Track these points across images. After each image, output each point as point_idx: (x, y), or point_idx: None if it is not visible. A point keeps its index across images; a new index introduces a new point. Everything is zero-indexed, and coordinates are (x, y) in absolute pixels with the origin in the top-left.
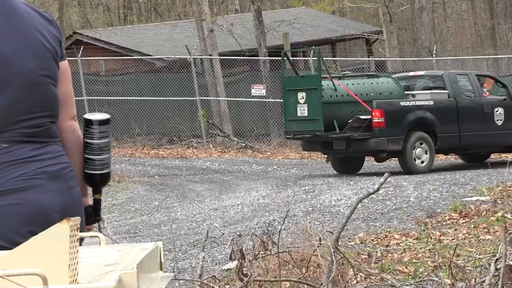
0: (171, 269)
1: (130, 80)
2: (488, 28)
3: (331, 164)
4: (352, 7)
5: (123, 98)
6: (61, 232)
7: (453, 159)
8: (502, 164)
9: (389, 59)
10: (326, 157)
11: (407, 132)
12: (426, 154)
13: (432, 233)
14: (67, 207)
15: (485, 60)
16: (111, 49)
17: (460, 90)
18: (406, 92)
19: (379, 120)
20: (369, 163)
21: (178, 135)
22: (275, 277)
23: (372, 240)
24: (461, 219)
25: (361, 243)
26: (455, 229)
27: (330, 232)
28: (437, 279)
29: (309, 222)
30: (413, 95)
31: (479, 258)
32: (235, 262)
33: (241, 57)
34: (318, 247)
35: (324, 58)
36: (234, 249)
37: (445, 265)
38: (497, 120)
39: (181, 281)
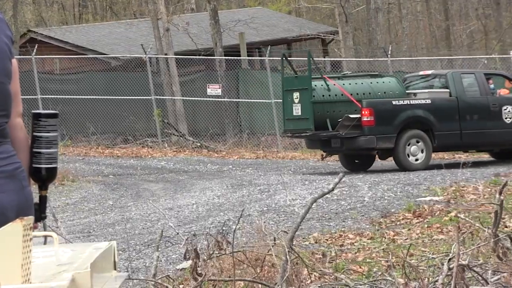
0: (125, 269)
1: (84, 79)
2: (443, 29)
3: (340, 162)
4: (308, 7)
5: (77, 97)
6: (14, 231)
7: (476, 156)
8: (456, 165)
9: (344, 59)
10: (321, 155)
11: (400, 130)
12: (422, 152)
13: (386, 232)
14: (22, 206)
15: (440, 61)
16: (66, 48)
17: (464, 88)
18: (408, 92)
19: (369, 119)
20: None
21: (133, 134)
22: (229, 277)
23: (327, 240)
24: (415, 219)
25: (316, 242)
26: (409, 229)
27: (285, 231)
28: (390, 279)
29: (264, 222)
30: (415, 94)
31: (433, 257)
32: (189, 262)
33: (197, 57)
34: (272, 246)
35: (278, 58)
36: (189, 249)
37: (398, 265)
38: (506, 118)
39: (135, 280)
